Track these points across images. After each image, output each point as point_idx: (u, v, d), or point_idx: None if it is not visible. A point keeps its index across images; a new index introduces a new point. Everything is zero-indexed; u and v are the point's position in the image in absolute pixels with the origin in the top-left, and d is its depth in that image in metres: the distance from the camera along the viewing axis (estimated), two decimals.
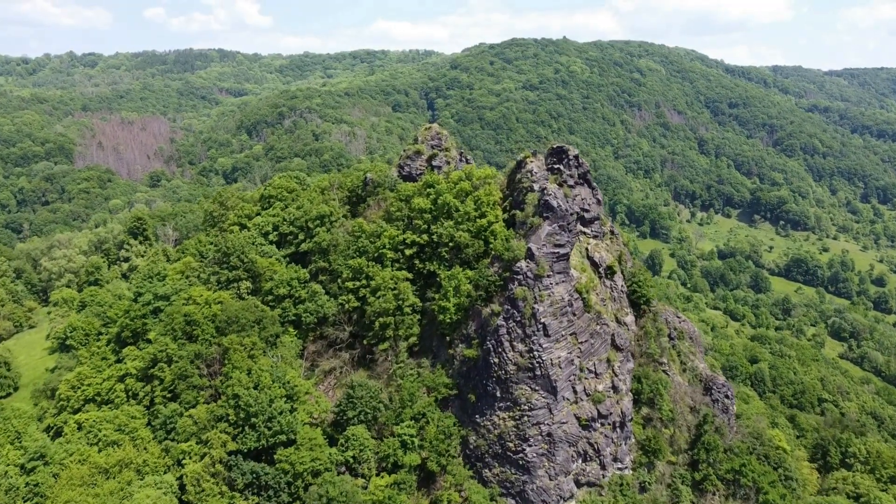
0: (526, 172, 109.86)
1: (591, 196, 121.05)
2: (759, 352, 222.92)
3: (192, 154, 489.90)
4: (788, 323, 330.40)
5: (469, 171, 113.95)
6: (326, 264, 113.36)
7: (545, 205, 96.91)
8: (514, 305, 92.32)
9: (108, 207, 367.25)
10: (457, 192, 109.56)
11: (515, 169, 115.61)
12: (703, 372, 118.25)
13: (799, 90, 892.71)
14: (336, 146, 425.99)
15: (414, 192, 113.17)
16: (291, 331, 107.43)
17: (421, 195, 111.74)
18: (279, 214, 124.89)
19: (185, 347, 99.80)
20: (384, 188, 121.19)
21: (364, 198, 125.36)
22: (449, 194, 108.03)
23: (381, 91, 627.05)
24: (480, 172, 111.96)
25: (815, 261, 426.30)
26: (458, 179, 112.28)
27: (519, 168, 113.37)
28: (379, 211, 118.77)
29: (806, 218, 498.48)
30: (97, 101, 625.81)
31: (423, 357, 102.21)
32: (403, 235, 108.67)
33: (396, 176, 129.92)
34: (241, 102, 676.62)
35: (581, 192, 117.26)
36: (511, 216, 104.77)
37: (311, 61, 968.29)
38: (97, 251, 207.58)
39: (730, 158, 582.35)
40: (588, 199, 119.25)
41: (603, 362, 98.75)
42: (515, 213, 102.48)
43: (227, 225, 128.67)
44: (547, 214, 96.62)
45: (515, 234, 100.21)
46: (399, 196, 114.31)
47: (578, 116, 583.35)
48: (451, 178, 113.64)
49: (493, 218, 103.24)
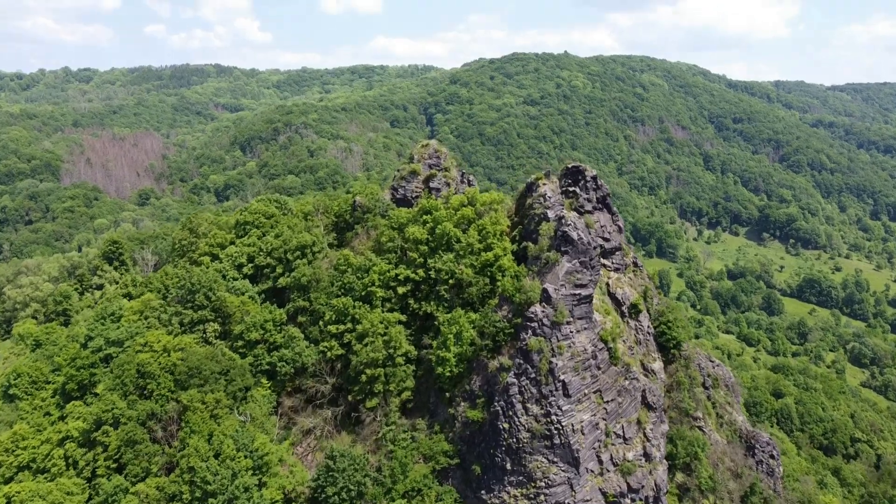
0: (538, 197, 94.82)
1: (611, 223, 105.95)
2: (782, 385, 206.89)
3: (184, 171, 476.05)
4: (806, 348, 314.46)
5: (472, 196, 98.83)
6: (307, 303, 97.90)
7: (563, 237, 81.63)
8: (528, 359, 76.77)
9: (93, 227, 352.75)
10: (458, 220, 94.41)
11: (525, 192, 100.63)
12: (742, 427, 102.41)
13: (803, 105, 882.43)
14: (331, 163, 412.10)
15: (408, 219, 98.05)
16: (265, 382, 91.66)
17: (416, 223, 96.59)
18: (255, 244, 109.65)
19: (137, 406, 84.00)
20: (374, 214, 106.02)
21: (352, 224, 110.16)
22: (449, 223, 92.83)
23: (379, 106, 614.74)
24: (485, 197, 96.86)
25: (828, 281, 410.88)
26: (460, 205, 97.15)
27: (530, 191, 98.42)
28: (368, 241, 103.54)
29: (817, 236, 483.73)
30: (89, 117, 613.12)
31: (418, 416, 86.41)
32: (396, 270, 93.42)
33: (389, 199, 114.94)
34: (236, 118, 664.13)
35: (600, 219, 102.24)
36: (522, 248, 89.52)
37: (309, 76, 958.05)
38: (70, 277, 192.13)
39: (736, 175, 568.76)
40: (608, 227, 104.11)
41: (633, 425, 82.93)
42: (527, 246, 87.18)
43: (198, 255, 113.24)
44: (565, 248, 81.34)
45: (527, 270, 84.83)
46: (391, 224, 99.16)
47: (581, 132, 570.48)
48: (451, 204, 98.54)
49: (500, 251, 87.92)
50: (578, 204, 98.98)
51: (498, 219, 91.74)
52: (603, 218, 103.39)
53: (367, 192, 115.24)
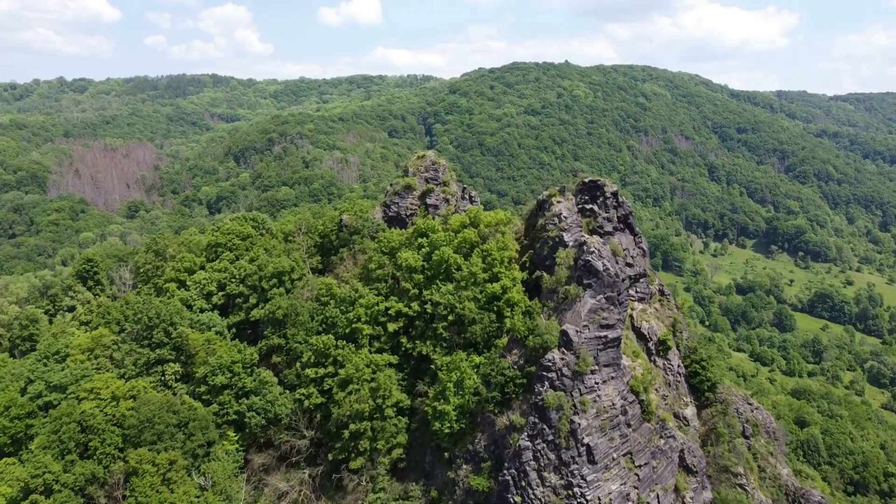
0: (552, 217, 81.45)
1: (633, 245, 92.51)
2: (806, 412, 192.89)
3: (177, 182, 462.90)
4: (822, 368, 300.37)
5: (475, 215, 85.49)
6: (282, 341, 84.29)
7: (586, 267, 68.18)
8: (545, 418, 63.15)
9: (79, 241, 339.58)
10: (459, 245, 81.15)
11: (537, 211, 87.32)
12: (788, 482, 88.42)
13: (806, 115, 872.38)
14: (327, 174, 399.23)
15: (401, 242, 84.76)
16: (231, 435, 77.96)
17: (410, 247, 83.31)
18: (228, 269, 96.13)
19: (75, 468, 70.27)
20: (362, 236, 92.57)
21: (338, 247, 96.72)
22: (448, 247, 79.55)
23: (377, 116, 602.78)
24: (490, 217, 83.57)
25: (840, 296, 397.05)
26: (461, 226, 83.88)
27: (542, 210, 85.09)
28: (355, 267, 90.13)
29: (826, 249, 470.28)
30: (81, 127, 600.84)
31: (411, 480, 72.68)
32: (386, 303, 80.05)
33: (380, 218, 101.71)
34: (231, 128, 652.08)
35: (622, 241, 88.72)
36: (534, 278, 76.07)
37: (307, 86, 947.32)
38: (42, 297, 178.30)
39: (742, 185, 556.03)
40: (631, 250, 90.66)
41: (669, 493, 69.12)
42: (541, 276, 73.75)
43: (163, 281, 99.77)
44: (588, 281, 67.90)
45: (541, 306, 71.29)
46: (382, 247, 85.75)
47: (583, 142, 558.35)
48: (450, 225, 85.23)
49: (508, 282, 74.49)
50: (597, 224, 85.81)
51: (506, 243, 78.38)
52: (625, 240, 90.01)
53: (356, 209, 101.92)
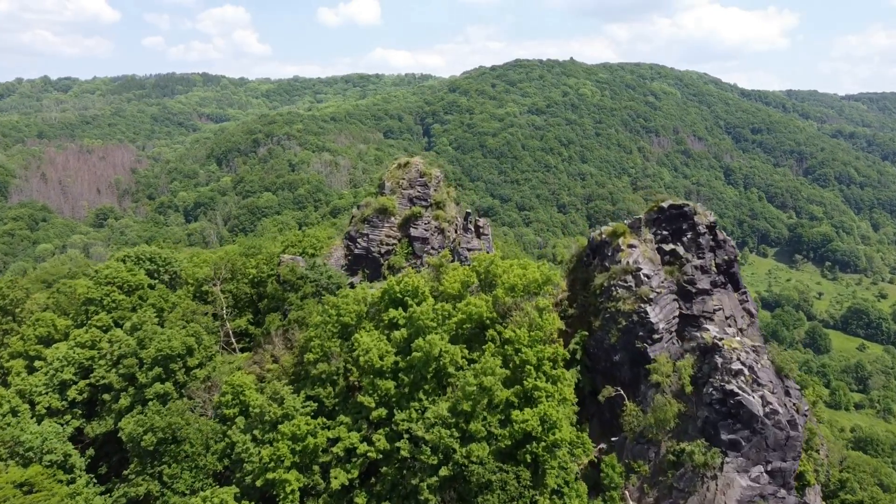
0: (621, 274, 47.83)
1: (737, 307, 57.92)
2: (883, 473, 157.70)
3: (154, 187, 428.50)
4: (870, 399, 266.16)
5: (488, 268, 50.81)
6: (156, 486, 49.61)
7: (729, 408, 33.23)
8: None
9: (34, 254, 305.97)
10: (459, 325, 46.36)
11: (589, 256, 52.91)
12: None
13: (820, 115, 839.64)
14: (314, 178, 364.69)
15: (360, 314, 49.95)
16: None
17: (377, 324, 48.55)
18: (100, 342, 61.45)
19: None
20: (302, 295, 58.08)
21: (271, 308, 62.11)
22: (438, 336, 44.78)
23: (371, 116, 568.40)
24: (516, 274, 48.87)
25: (876, 311, 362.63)
26: (464, 288, 49.08)
27: (599, 256, 50.68)
28: (289, 353, 55.35)
29: (856, 258, 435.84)
30: (58, 128, 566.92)
31: None
32: (331, 433, 45.55)
33: (342, 257, 67.14)
34: (218, 129, 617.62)
35: (724, 303, 54.26)
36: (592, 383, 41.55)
37: (301, 86, 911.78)
38: None
39: (761, 190, 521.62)
40: (737, 316, 56.17)
41: None
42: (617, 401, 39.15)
43: (7, 357, 64.99)
44: (735, 436, 32.98)
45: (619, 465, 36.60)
46: (329, 321, 50.99)
47: (591, 143, 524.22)
48: (445, 285, 50.47)
49: (553, 411, 39.73)
50: (685, 276, 51.50)
51: (545, 327, 43.42)
52: (727, 301, 55.39)
53: (306, 243, 67.14)
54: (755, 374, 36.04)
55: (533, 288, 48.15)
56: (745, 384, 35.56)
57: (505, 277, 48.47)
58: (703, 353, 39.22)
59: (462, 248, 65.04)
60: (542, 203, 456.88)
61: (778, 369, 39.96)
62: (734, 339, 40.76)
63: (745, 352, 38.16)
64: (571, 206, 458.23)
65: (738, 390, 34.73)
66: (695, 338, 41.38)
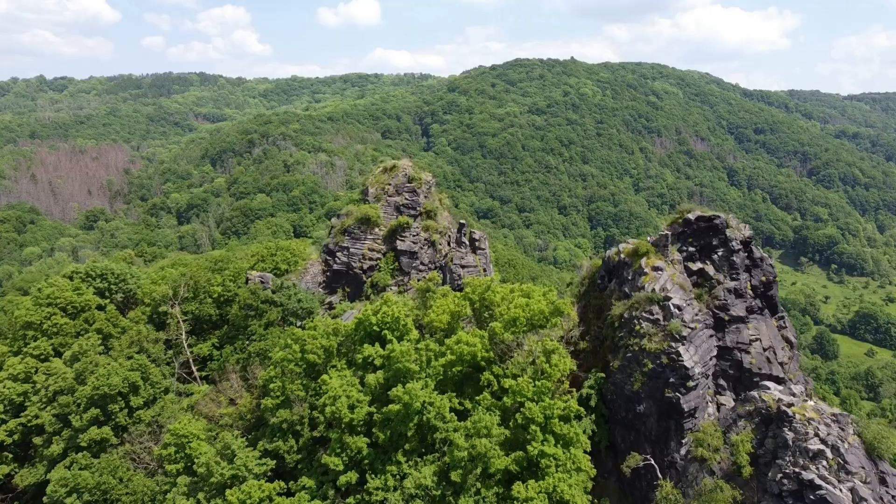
0: (644, 303, 38.87)
1: (776, 336, 49.67)
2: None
3: (147, 188, 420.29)
4: (882, 408, 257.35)
5: (483, 294, 42.38)
6: None
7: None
8: None
9: (21, 258, 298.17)
10: (448, 367, 37.97)
11: (605, 278, 44.68)
12: None
13: (823, 115, 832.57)
14: (309, 179, 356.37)
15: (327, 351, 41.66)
16: None
17: (349, 362, 40.24)
18: (35, 374, 53.01)
19: None
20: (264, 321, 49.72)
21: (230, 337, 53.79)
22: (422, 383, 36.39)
23: (369, 115, 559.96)
24: (517, 305, 40.36)
25: (884, 315, 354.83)
26: (454, 319, 40.76)
27: (617, 277, 42.76)
28: (249, 394, 47.08)
29: (863, 261, 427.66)
30: (51, 128, 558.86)
31: None
32: (293, 500, 36.87)
33: (319, 274, 59.08)
34: (214, 129, 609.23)
35: (761, 332, 46.00)
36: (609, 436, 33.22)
37: (299, 85, 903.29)
38: None
39: (764, 191, 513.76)
40: (777, 349, 47.91)
41: None
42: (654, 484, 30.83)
43: None
44: None
45: None
46: (294, 360, 42.64)
47: (592, 143, 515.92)
48: (432, 314, 42.06)
49: (564, 486, 31.18)
50: (716, 300, 43.23)
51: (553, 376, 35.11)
52: (765, 330, 47.18)
53: (280, 258, 58.87)
54: (841, 458, 27.76)
55: (538, 321, 39.97)
56: (828, 471, 27.27)
57: (503, 308, 40.20)
58: (764, 421, 30.95)
59: (455, 264, 56.79)
60: (543, 204, 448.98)
61: (868, 448, 31.64)
62: (807, 405, 32.44)
63: (824, 424, 30.00)
64: (573, 208, 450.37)
65: (821, 481, 26.42)
66: (752, 399, 33.12)
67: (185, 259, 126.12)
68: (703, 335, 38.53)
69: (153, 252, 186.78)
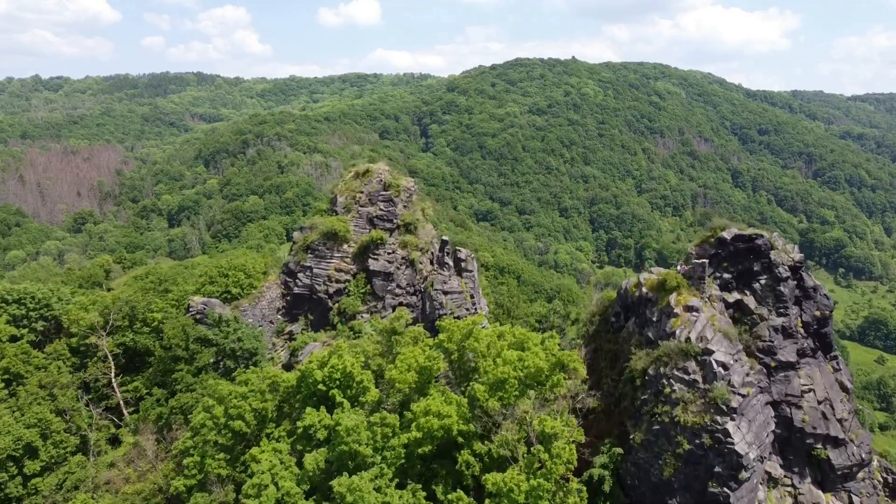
0: (675, 354, 28.50)
1: (832, 385, 39.84)
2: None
3: (138, 189, 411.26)
4: (895, 419, 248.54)
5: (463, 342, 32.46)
6: None
7: None
8: None
9: (4, 262, 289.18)
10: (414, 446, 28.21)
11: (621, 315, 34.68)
12: None
13: (827, 116, 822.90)
14: (303, 181, 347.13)
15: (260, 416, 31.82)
16: None
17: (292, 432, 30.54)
18: None
19: None
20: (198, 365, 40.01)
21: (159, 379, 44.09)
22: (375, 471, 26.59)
23: (367, 116, 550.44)
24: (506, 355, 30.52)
25: (894, 321, 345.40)
26: (426, 374, 30.94)
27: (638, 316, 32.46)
28: (167, 459, 37.23)
29: (871, 265, 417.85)
30: (43, 128, 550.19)
31: None
32: None
33: (279, 297, 49.48)
34: (209, 129, 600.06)
35: (815, 381, 36.13)
36: None
37: (297, 85, 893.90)
38: None
39: (770, 193, 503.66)
40: (832, 396, 38.06)
41: None
42: None
43: None
44: None
45: None
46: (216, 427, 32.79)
47: (594, 144, 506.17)
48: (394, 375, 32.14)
49: None
50: (760, 340, 33.46)
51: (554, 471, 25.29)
52: (819, 378, 37.44)
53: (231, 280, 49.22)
54: None
55: (535, 378, 30.19)
56: None
57: (489, 363, 30.44)
58: None
59: (436, 290, 47.17)
60: (544, 206, 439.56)
61: None
62: None
63: None
64: (574, 210, 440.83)
65: None
66: None
67: (159, 269, 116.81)
68: (757, 404, 29.05)
69: (133, 258, 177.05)
